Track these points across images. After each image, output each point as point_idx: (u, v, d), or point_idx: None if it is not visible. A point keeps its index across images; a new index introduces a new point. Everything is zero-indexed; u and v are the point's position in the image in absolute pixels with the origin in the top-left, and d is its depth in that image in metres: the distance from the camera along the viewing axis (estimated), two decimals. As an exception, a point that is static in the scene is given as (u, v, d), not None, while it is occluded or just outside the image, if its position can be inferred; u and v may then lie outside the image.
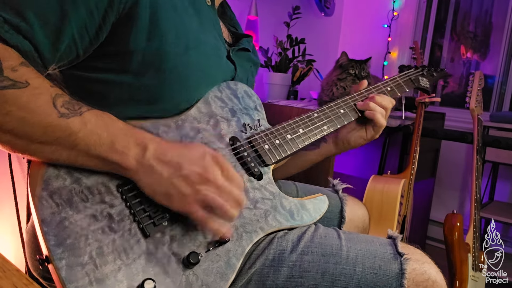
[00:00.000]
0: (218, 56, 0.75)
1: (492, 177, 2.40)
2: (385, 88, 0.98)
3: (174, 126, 0.68)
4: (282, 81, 2.10)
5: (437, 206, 2.57)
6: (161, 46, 0.64)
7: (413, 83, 1.08)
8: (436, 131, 1.96)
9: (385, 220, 1.50)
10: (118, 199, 0.58)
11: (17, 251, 1.37)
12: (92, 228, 0.55)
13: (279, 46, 2.12)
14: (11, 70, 0.52)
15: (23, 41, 0.55)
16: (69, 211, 0.55)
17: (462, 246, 1.45)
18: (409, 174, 1.65)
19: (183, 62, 0.67)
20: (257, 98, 0.83)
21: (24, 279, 0.44)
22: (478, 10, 2.75)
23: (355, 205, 1.00)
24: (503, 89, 2.56)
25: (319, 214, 0.76)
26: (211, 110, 0.73)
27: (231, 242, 0.63)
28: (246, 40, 0.87)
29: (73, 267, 0.51)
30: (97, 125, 0.56)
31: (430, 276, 0.67)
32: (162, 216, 0.59)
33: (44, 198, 0.54)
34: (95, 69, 0.64)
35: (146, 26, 0.63)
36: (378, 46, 2.69)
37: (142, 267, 0.55)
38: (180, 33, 0.67)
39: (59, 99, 0.54)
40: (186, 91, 0.69)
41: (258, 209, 0.69)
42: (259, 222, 0.68)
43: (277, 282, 0.66)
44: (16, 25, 0.54)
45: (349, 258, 0.67)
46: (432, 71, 1.19)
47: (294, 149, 0.78)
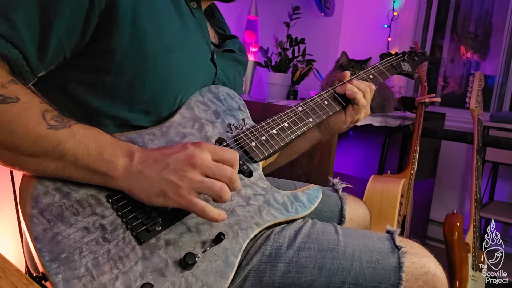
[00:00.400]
0: (200, 58, 0.76)
1: (492, 177, 2.40)
2: (367, 76, 0.99)
3: (159, 134, 0.69)
4: (282, 81, 2.10)
5: (437, 206, 2.57)
6: (141, 46, 0.65)
7: (395, 69, 1.09)
8: (436, 131, 1.96)
9: (385, 220, 1.51)
10: (109, 210, 0.58)
11: (17, 251, 1.37)
12: (85, 240, 0.54)
13: (279, 46, 2.12)
14: (1, 87, 0.53)
15: (12, 49, 0.56)
16: (61, 226, 0.54)
17: (462, 246, 1.45)
18: (409, 174, 1.65)
19: (163, 62, 0.68)
20: (239, 99, 0.83)
21: (24, 279, 0.44)
22: (479, 10, 2.75)
23: (355, 204, 1.00)
24: (503, 89, 2.56)
25: (313, 204, 0.76)
26: (195, 114, 0.74)
27: (227, 240, 0.63)
28: (231, 41, 0.88)
29: (70, 280, 0.51)
30: (85, 136, 0.57)
31: (429, 269, 0.67)
32: (155, 221, 0.59)
33: (35, 216, 0.54)
34: (78, 69, 0.66)
35: (127, 25, 0.64)
36: (378, 46, 2.69)
37: (139, 273, 0.55)
38: (160, 34, 0.68)
39: (48, 113, 0.55)
40: (167, 92, 0.70)
41: (251, 205, 0.69)
42: (253, 218, 0.68)
43: (274, 278, 0.66)
44: (5, 33, 0.55)
45: (346, 253, 0.67)
46: (413, 55, 1.20)
47: (281, 144, 0.78)
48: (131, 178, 0.58)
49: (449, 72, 2.86)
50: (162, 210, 0.61)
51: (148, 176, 0.57)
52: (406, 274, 0.65)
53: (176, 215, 0.62)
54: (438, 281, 0.67)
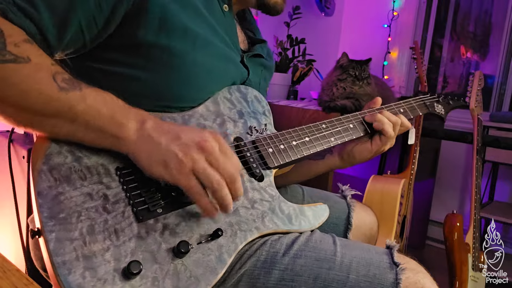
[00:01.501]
0: (226, 60, 0.76)
1: (492, 177, 2.40)
2: (397, 109, 0.97)
3: (180, 120, 0.70)
4: (282, 81, 2.11)
5: (437, 206, 2.57)
6: (169, 42, 0.66)
7: (427, 108, 1.08)
8: (436, 131, 1.96)
9: (385, 220, 1.50)
10: (116, 182, 0.59)
11: (17, 251, 1.36)
12: (86, 206, 0.55)
13: (279, 46, 2.12)
14: (14, 46, 0.53)
15: (30, 24, 0.56)
16: (66, 187, 0.56)
17: (462, 246, 1.45)
18: (409, 174, 1.65)
19: (189, 60, 0.68)
20: (266, 104, 0.83)
21: (24, 279, 0.44)
22: (478, 10, 2.75)
23: (363, 212, 0.99)
24: (502, 89, 2.56)
25: (318, 222, 0.75)
26: (219, 109, 0.74)
27: (224, 237, 0.63)
28: (260, 46, 0.88)
29: (62, 241, 0.52)
30: (96, 100, 0.57)
31: (424, 285, 0.65)
32: (157, 203, 0.60)
33: (43, 172, 0.55)
34: (104, 61, 0.66)
35: (155, 20, 0.64)
36: (378, 46, 2.69)
37: (131, 250, 0.55)
38: (188, 32, 0.68)
39: (59, 76, 0.56)
40: (192, 89, 0.70)
41: (256, 209, 0.69)
42: (255, 222, 0.67)
43: (267, 285, 0.65)
44: (24, 8, 0.56)
45: (343, 264, 0.66)
46: (448, 99, 1.20)
47: (298, 156, 0.78)
48: (139, 141, 0.57)
49: (449, 71, 2.86)
50: (167, 193, 0.61)
51: (156, 142, 0.57)
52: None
53: (180, 202, 0.62)
54: None
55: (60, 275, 0.50)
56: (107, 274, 0.52)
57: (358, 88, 1.75)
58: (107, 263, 0.53)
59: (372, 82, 1.81)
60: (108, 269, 0.52)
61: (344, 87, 1.76)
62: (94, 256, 0.53)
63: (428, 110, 1.08)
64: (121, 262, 0.54)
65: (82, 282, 0.50)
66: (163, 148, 0.57)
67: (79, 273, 0.51)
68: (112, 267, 0.53)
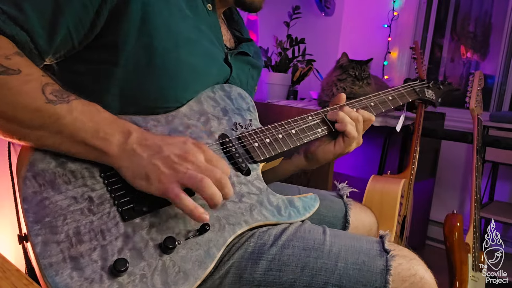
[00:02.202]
0: (210, 58, 0.76)
1: (492, 177, 2.40)
2: (386, 97, 0.96)
3: (164, 121, 0.70)
4: (282, 81, 2.11)
5: (437, 206, 2.57)
6: (151, 41, 0.66)
7: (417, 94, 1.06)
8: (436, 131, 1.96)
9: (385, 220, 1.50)
10: (100, 184, 0.59)
11: (17, 251, 1.36)
12: (71, 209, 0.56)
13: (279, 46, 2.12)
14: (5, 58, 0.54)
15: (20, 32, 0.57)
16: (50, 191, 0.56)
17: (462, 246, 1.45)
18: (409, 174, 1.65)
19: (171, 59, 0.68)
20: (250, 101, 0.83)
21: (24, 279, 0.44)
22: (478, 10, 2.75)
23: (362, 213, 0.98)
24: (502, 89, 2.56)
25: (308, 212, 0.75)
26: (203, 108, 0.74)
27: (212, 231, 0.62)
28: (246, 44, 0.88)
29: (49, 243, 0.52)
30: (83, 112, 0.57)
31: (417, 271, 0.64)
32: (143, 202, 0.60)
33: (28, 179, 0.56)
34: (88, 62, 0.67)
35: (138, 20, 0.65)
36: (378, 46, 2.69)
37: (118, 248, 0.55)
38: (170, 31, 0.68)
39: (48, 87, 0.56)
40: (174, 89, 0.70)
41: (243, 202, 0.69)
42: (243, 216, 0.67)
43: (254, 275, 0.64)
44: (14, 16, 0.57)
45: (331, 253, 0.65)
46: (439, 84, 1.19)
47: (285, 148, 0.77)
48: (124, 156, 0.58)
49: (449, 71, 2.86)
50: None
51: (139, 156, 0.57)
52: (393, 276, 0.63)
53: (165, 200, 0.61)
54: (427, 283, 0.64)
55: (47, 277, 0.51)
56: (94, 274, 0.52)
57: (358, 88, 1.75)
58: (94, 262, 0.53)
59: (372, 82, 1.81)
60: (95, 269, 0.53)
61: (344, 87, 1.76)
62: (81, 256, 0.53)
63: (418, 96, 1.07)
64: (108, 261, 0.54)
65: (69, 282, 0.51)
66: (146, 162, 0.57)
67: (67, 273, 0.51)
68: (99, 266, 0.53)
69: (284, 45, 2.12)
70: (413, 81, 1.11)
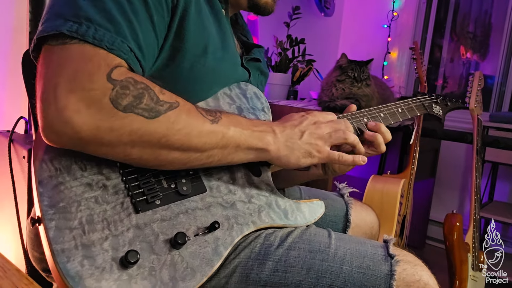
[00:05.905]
0: (233, 63, 0.78)
1: (491, 177, 2.40)
2: (396, 109, 0.96)
3: None
4: (282, 81, 2.11)
5: (437, 206, 2.57)
6: (182, 45, 0.67)
7: (425, 109, 1.08)
8: (436, 131, 1.96)
9: (385, 220, 1.51)
10: (116, 173, 0.60)
11: (17, 251, 1.37)
12: (86, 196, 0.56)
13: (279, 46, 2.12)
14: (162, 94, 0.57)
15: (136, 63, 0.59)
16: (66, 176, 0.57)
17: (462, 246, 1.45)
18: (409, 174, 1.65)
19: (200, 63, 0.69)
20: (265, 101, 0.84)
21: (24, 279, 0.44)
22: (478, 10, 2.76)
23: (363, 211, 0.98)
24: (502, 89, 2.57)
25: (313, 217, 0.76)
26: (219, 105, 0.75)
27: (221, 230, 0.63)
28: (258, 50, 0.89)
29: (62, 229, 0.53)
30: (233, 122, 0.63)
31: (421, 277, 0.65)
32: (156, 195, 0.61)
33: (45, 162, 0.57)
34: None
35: (175, 24, 0.66)
36: (378, 46, 2.69)
37: (129, 240, 0.56)
38: (200, 35, 0.69)
39: (199, 109, 0.61)
40: (199, 91, 0.72)
41: (252, 203, 0.69)
42: (251, 216, 0.68)
43: (260, 275, 0.65)
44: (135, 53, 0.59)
45: (336, 256, 0.66)
46: (447, 100, 1.20)
47: None
48: (280, 148, 0.67)
49: (449, 72, 2.86)
50: (166, 185, 0.62)
51: (294, 143, 0.67)
52: (397, 281, 0.63)
53: (178, 195, 0.63)
54: None
55: (59, 263, 0.51)
56: (105, 263, 0.53)
57: (357, 89, 1.75)
58: (105, 252, 0.54)
59: (372, 83, 1.81)
60: (106, 258, 0.53)
61: (343, 88, 1.76)
62: (93, 245, 0.53)
63: (426, 110, 1.08)
64: (119, 252, 0.54)
65: (80, 270, 0.51)
66: (301, 145, 0.68)
67: (78, 261, 0.52)
68: (110, 256, 0.53)
69: (284, 45, 2.12)
70: (423, 95, 1.12)
